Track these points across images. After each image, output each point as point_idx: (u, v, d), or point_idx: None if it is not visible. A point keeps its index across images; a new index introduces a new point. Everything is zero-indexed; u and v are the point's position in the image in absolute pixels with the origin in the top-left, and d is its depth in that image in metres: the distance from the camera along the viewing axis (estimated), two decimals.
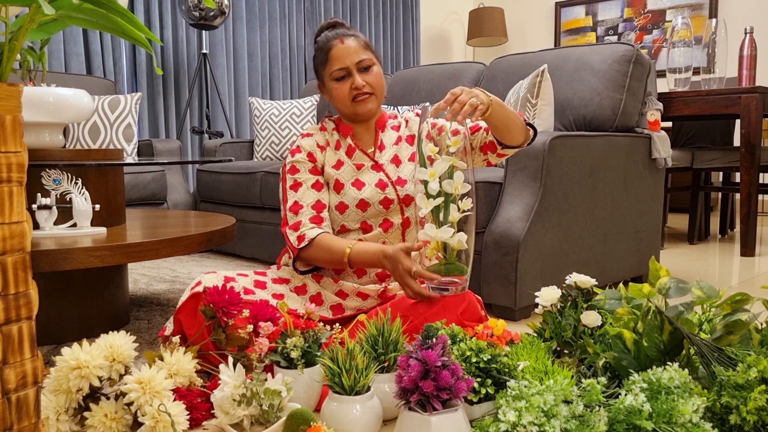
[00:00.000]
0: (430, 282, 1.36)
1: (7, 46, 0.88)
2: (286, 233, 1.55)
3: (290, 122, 3.44)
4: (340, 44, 1.55)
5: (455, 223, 1.31)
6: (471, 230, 1.35)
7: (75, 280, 1.78)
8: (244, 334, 1.27)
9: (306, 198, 1.56)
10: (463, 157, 1.34)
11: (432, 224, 1.32)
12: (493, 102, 1.39)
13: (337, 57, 1.54)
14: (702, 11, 5.01)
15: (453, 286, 1.37)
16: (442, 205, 1.32)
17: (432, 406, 1.03)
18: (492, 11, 5.55)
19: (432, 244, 1.33)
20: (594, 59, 2.36)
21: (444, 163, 1.30)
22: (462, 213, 1.32)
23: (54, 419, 1.12)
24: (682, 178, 4.92)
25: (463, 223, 1.34)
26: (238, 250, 3.18)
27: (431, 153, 1.32)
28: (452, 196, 1.31)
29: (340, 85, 1.56)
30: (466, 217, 1.34)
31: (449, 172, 1.31)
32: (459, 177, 1.30)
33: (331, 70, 1.55)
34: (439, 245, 1.33)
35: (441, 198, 1.31)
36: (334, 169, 1.59)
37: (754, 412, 0.98)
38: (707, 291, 1.22)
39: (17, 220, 0.82)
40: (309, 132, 1.64)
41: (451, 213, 1.31)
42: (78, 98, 1.79)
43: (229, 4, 4.00)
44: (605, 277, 2.28)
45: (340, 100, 1.57)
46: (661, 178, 2.55)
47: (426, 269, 1.36)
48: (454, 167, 1.32)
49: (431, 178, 1.30)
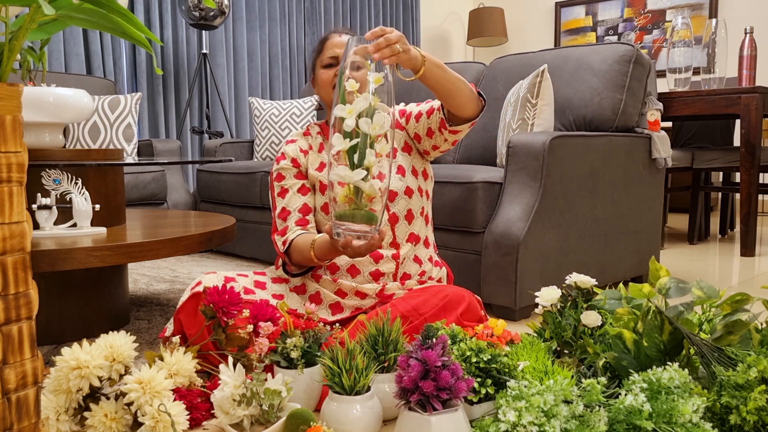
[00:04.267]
0: (337, 227, 1.25)
1: (7, 46, 0.88)
2: (275, 240, 1.57)
3: (290, 122, 3.44)
4: (336, 37, 1.58)
5: (371, 168, 1.21)
6: (387, 179, 1.26)
7: (75, 280, 1.78)
8: (244, 334, 1.27)
9: (293, 203, 1.57)
10: (387, 102, 1.24)
11: (345, 166, 1.21)
12: (428, 61, 1.36)
13: (330, 46, 1.57)
14: (702, 11, 5.01)
15: (361, 234, 1.25)
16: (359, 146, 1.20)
17: (432, 406, 1.03)
18: (492, 11, 5.55)
19: (343, 188, 1.23)
20: (594, 59, 2.36)
21: (364, 101, 1.21)
22: (378, 158, 1.22)
23: (54, 419, 1.12)
24: (682, 178, 4.92)
25: (379, 170, 1.24)
26: (238, 250, 3.18)
27: (352, 89, 1.23)
28: (370, 138, 1.21)
29: (326, 71, 1.57)
30: (382, 164, 1.24)
31: (369, 111, 1.22)
32: (379, 118, 1.21)
33: (323, 58, 1.58)
34: (351, 189, 1.22)
35: (357, 139, 1.20)
36: (317, 171, 1.59)
37: (754, 412, 0.98)
38: (707, 291, 1.22)
39: (17, 220, 0.82)
40: (293, 138, 1.65)
41: (367, 156, 1.21)
42: (78, 98, 1.79)
43: (229, 4, 4.00)
44: (605, 277, 2.28)
45: (323, 86, 1.58)
46: (661, 178, 2.55)
47: (334, 213, 1.25)
48: (375, 108, 1.22)
49: (349, 114, 1.21)
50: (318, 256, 1.44)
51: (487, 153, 2.59)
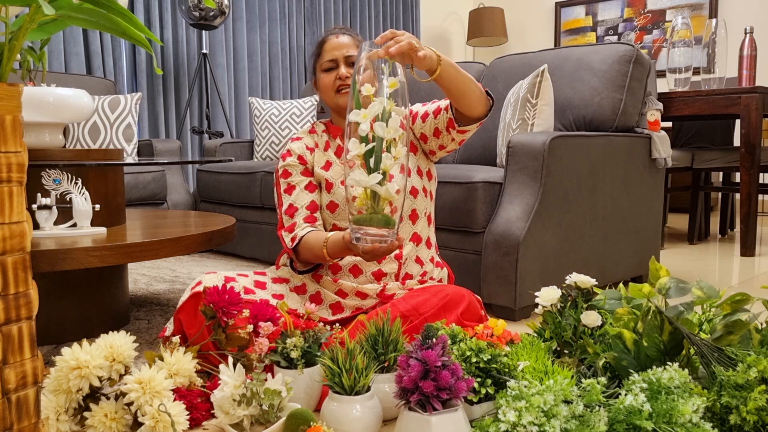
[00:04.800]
0: (356, 232, 1.24)
1: (7, 46, 0.88)
2: (282, 236, 1.57)
3: (290, 122, 3.44)
4: (334, 38, 1.58)
5: (387, 172, 1.21)
6: (402, 183, 1.25)
7: (75, 280, 1.78)
8: (244, 334, 1.27)
9: (300, 200, 1.57)
10: (402, 105, 1.25)
11: (362, 170, 1.22)
12: (443, 61, 1.37)
13: (328, 49, 1.57)
14: (702, 11, 5.01)
15: (380, 238, 1.25)
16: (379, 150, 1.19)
17: (432, 406, 1.03)
18: (492, 11, 5.55)
19: (360, 192, 1.23)
20: (594, 59, 2.36)
21: (378, 105, 1.21)
22: (395, 161, 1.22)
23: (54, 419, 1.12)
24: (682, 178, 4.92)
25: (395, 173, 1.23)
26: (238, 250, 3.18)
27: (367, 93, 1.23)
28: (386, 142, 1.21)
29: (327, 75, 1.58)
30: (398, 167, 1.23)
31: (384, 115, 1.21)
32: (394, 121, 1.21)
33: (322, 61, 1.58)
34: (368, 193, 1.22)
35: (373, 143, 1.21)
36: (323, 170, 1.59)
37: (754, 412, 0.98)
38: (707, 291, 1.21)
39: (17, 220, 0.82)
40: (299, 135, 1.65)
41: (383, 160, 1.21)
42: (78, 98, 1.79)
43: (229, 4, 4.00)
44: (605, 277, 2.28)
45: (325, 90, 1.59)
46: (661, 178, 2.55)
47: (351, 219, 1.25)
48: (391, 112, 1.21)
49: (363, 119, 1.21)
50: (331, 254, 1.45)
51: (487, 153, 2.59)
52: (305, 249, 1.51)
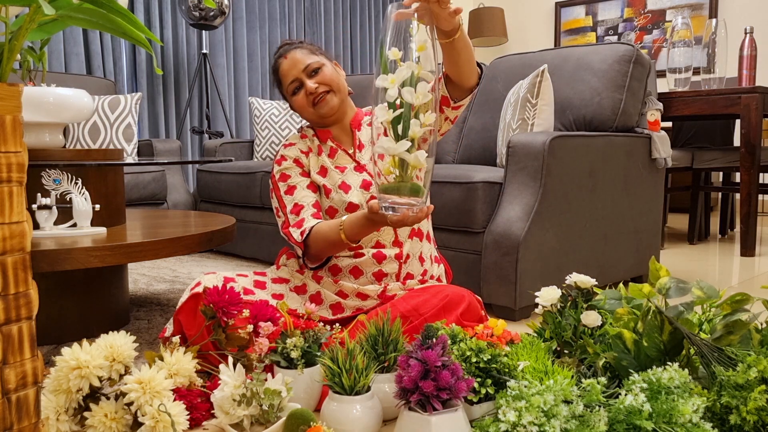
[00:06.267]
0: (384, 201, 1.22)
1: (7, 46, 0.88)
2: (290, 232, 1.53)
3: (290, 122, 3.44)
4: (284, 60, 1.57)
5: (416, 139, 1.17)
6: (432, 150, 1.21)
7: (75, 280, 1.78)
8: (244, 334, 1.27)
9: (304, 198, 1.55)
10: (430, 70, 1.20)
11: (390, 138, 1.18)
12: (461, 28, 1.35)
13: (284, 73, 1.57)
14: (702, 11, 5.01)
15: (408, 207, 1.22)
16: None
17: (432, 406, 1.03)
18: (492, 11, 5.55)
19: (388, 160, 1.19)
20: (594, 59, 2.36)
21: (406, 70, 1.16)
22: (424, 128, 1.18)
23: (54, 419, 1.12)
24: (682, 178, 4.92)
25: (423, 141, 1.20)
26: (238, 250, 3.18)
27: (395, 58, 1.18)
28: (414, 108, 1.17)
29: (297, 96, 1.57)
30: (427, 135, 1.20)
31: (412, 80, 1.18)
32: (423, 87, 1.16)
33: (286, 86, 1.58)
34: (396, 161, 1.19)
35: (401, 110, 1.16)
36: (319, 175, 1.59)
37: (754, 412, 0.98)
38: (707, 291, 1.21)
39: (17, 220, 0.82)
40: (291, 141, 1.64)
41: (411, 127, 1.17)
42: (78, 98, 1.79)
43: (229, 4, 4.00)
44: (605, 277, 2.28)
45: (303, 109, 1.58)
46: (661, 178, 2.55)
47: (379, 188, 1.22)
48: (419, 77, 1.17)
49: (391, 84, 1.16)
50: (349, 236, 1.42)
51: (487, 153, 2.59)
52: (318, 239, 1.48)
